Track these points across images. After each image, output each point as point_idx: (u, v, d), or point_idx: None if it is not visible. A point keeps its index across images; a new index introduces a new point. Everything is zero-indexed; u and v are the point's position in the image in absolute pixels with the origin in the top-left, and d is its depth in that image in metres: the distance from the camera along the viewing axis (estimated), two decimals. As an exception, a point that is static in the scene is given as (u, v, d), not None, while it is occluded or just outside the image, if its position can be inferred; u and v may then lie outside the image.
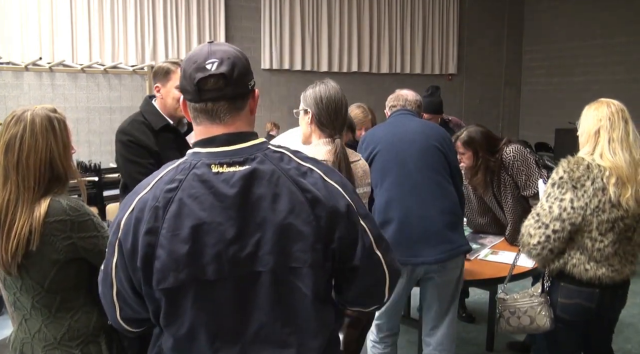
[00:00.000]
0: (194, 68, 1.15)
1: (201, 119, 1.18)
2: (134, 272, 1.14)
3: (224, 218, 1.11)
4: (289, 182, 1.15)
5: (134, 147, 2.25)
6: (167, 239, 1.10)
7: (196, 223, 1.10)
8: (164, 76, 2.31)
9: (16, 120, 1.52)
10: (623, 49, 7.78)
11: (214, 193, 1.11)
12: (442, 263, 2.31)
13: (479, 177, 2.95)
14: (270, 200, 1.13)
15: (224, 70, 1.13)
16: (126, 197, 1.20)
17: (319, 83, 1.99)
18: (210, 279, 1.11)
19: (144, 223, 1.11)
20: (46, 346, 1.57)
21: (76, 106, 5.77)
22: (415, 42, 8.13)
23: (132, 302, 1.19)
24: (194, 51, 1.19)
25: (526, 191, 2.90)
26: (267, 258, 1.13)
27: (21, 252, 1.47)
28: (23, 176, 1.50)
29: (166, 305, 1.13)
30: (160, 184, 1.14)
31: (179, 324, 1.14)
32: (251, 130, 1.23)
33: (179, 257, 1.10)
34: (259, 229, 1.12)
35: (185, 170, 1.14)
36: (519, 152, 2.90)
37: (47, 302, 1.56)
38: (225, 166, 1.13)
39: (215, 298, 1.12)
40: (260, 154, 1.16)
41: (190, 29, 6.38)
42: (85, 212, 1.53)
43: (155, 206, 1.11)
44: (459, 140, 2.99)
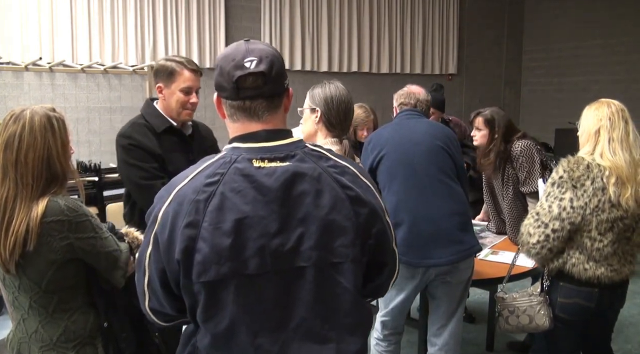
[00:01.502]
0: (232, 66, 1.15)
1: (239, 117, 1.19)
2: (169, 264, 1.14)
3: (266, 212, 1.12)
4: (329, 179, 1.17)
5: (136, 151, 2.16)
6: (209, 232, 1.09)
7: (239, 217, 1.10)
8: (167, 77, 2.19)
9: (15, 118, 1.53)
10: (623, 49, 7.78)
11: (257, 187, 1.12)
12: (455, 264, 2.31)
13: (491, 159, 2.97)
14: (313, 196, 1.15)
15: (263, 69, 1.14)
16: (161, 190, 1.19)
17: (328, 83, 1.99)
18: (252, 273, 1.11)
19: (184, 216, 1.11)
20: (42, 346, 1.57)
21: (76, 106, 5.77)
22: (415, 42, 8.13)
23: (160, 295, 1.20)
24: (230, 49, 1.20)
25: (524, 187, 2.93)
26: (310, 253, 1.14)
27: (19, 250, 1.47)
28: (21, 174, 1.50)
29: (206, 299, 1.12)
30: (199, 178, 1.14)
31: (219, 319, 1.13)
32: (287, 128, 1.24)
33: (221, 251, 1.09)
34: (301, 224, 1.13)
35: (226, 164, 1.14)
36: (526, 148, 2.92)
37: (44, 302, 1.56)
38: (266, 161, 1.14)
39: (256, 292, 1.12)
40: (300, 151, 1.18)
41: (190, 29, 6.37)
42: (83, 213, 1.53)
43: (195, 200, 1.11)
44: (482, 115, 3.02)
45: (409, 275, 2.32)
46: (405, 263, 2.25)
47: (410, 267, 2.30)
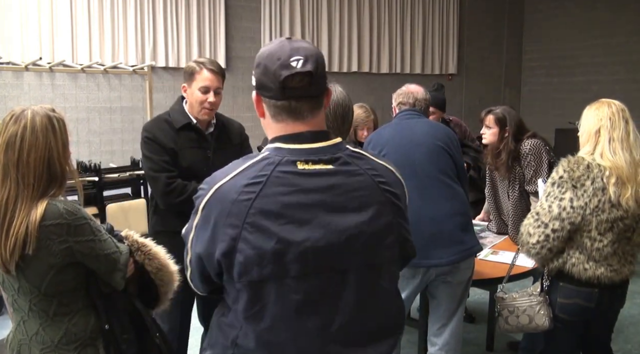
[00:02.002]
0: (278, 65, 1.13)
1: (283, 117, 1.18)
2: (208, 259, 1.15)
3: (309, 216, 1.11)
4: (371, 182, 1.17)
5: (150, 144, 2.28)
6: (252, 234, 1.09)
7: (282, 220, 1.10)
8: (189, 77, 2.29)
9: (16, 119, 1.53)
10: (623, 49, 7.78)
11: (300, 191, 1.11)
12: (455, 264, 2.31)
13: (503, 159, 2.98)
14: (357, 200, 1.15)
15: (310, 68, 1.13)
16: (204, 182, 1.20)
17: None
18: (294, 276, 1.11)
19: (226, 216, 1.10)
20: (43, 348, 1.56)
21: (76, 106, 5.77)
22: (415, 42, 8.13)
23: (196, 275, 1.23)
24: (273, 47, 1.17)
25: (529, 186, 2.94)
26: (353, 256, 1.14)
27: (18, 251, 1.46)
28: (23, 174, 1.49)
29: (248, 297, 1.13)
30: (242, 178, 1.13)
31: (261, 317, 1.13)
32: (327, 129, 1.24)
33: (264, 254, 1.09)
34: (346, 228, 1.13)
35: (270, 166, 1.13)
36: (535, 147, 2.93)
37: (44, 305, 1.55)
38: (310, 163, 1.14)
39: (297, 295, 1.12)
40: (343, 154, 1.18)
41: (190, 29, 6.37)
42: (82, 216, 1.52)
43: (238, 200, 1.10)
44: (493, 114, 3.02)
45: (410, 275, 2.32)
46: (406, 263, 2.25)
47: (411, 267, 2.30)
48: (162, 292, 1.76)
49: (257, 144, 2.73)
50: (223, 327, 1.22)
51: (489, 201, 3.28)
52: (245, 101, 6.76)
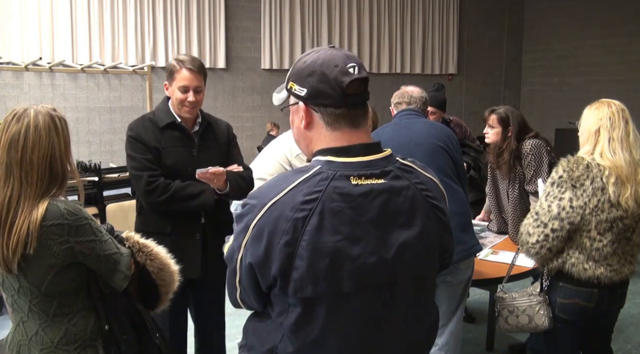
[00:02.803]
0: (337, 72, 1.12)
1: (340, 125, 1.16)
2: (263, 276, 1.14)
3: (363, 233, 1.11)
4: (421, 197, 1.18)
5: (133, 143, 2.27)
6: (308, 251, 1.09)
7: (337, 238, 1.10)
8: (169, 75, 2.28)
9: (18, 117, 1.53)
10: (623, 49, 7.79)
11: (354, 207, 1.11)
12: (455, 264, 2.31)
13: (505, 158, 2.99)
14: (407, 215, 1.15)
15: (366, 75, 1.15)
16: (250, 197, 1.17)
17: None
18: (346, 292, 1.12)
19: (282, 234, 1.09)
20: (43, 349, 1.56)
21: (76, 106, 5.77)
22: (415, 42, 8.13)
23: (250, 294, 1.21)
24: (325, 56, 1.16)
25: (529, 185, 2.95)
26: (401, 271, 1.15)
27: (20, 250, 1.46)
28: (27, 172, 1.49)
29: (300, 312, 1.13)
30: (296, 194, 1.11)
31: (309, 330, 1.14)
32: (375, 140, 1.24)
33: (319, 271, 1.09)
34: (395, 244, 1.14)
35: (324, 181, 1.12)
36: (536, 147, 2.93)
37: (44, 306, 1.55)
38: (363, 178, 1.13)
39: (347, 309, 1.13)
40: (393, 167, 1.18)
41: (190, 29, 6.37)
42: (83, 217, 1.52)
43: (294, 218, 1.09)
44: (496, 113, 3.03)
45: (409, 275, 2.32)
46: (405, 263, 2.25)
47: (411, 267, 2.30)
48: (162, 292, 1.76)
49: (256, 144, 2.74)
50: (261, 333, 1.22)
51: (490, 199, 3.28)
52: (245, 101, 6.75)
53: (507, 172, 3.02)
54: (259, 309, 1.24)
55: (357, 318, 1.14)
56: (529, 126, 3.06)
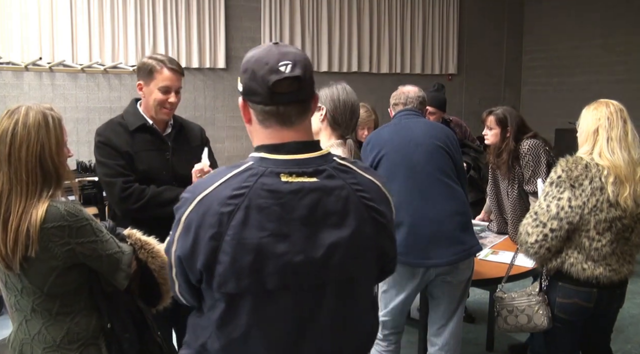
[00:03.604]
0: (266, 70, 1.13)
1: (270, 123, 1.17)
2: (191, 269, 1.15)
3: (289, 230, 1.11)
4: (355, 198, 1.16)
5: (104, 148, 2.18)
6: (232, 246, 1.09)
7: (262, 234, 1.09)
8: (147, 75, 2.20)
9: (10, 114, 1.53)
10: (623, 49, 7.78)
11: (282, 204, 1.11)
12: (455, 264, 2.31)
13: (504, 158, 3.00)
14: (338, 216, 1.14)
15: (299, 73, 1.13)
16: (186, 192, 1.18)
17: (335, 84, 2.00)
18: (271, 289, 1.11)
19: (208, 227, 1.10)
20: (46, 348, 1.57)
21: (76, 106, 5.77)
22: (415, 42, 8.12)
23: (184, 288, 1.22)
24: (261, 52, 1.17)
25: (528, 185, 2.96)
26: (331, 272, 1.14)
27: (22, 249, 1.46)
28: (15, 168, 1.49)
29: (225, 308, 1.13)
30: (225, 189, 1.12)
31: (234, 327, 1.14)
32: (314, 138, 1.23)
33: (242, 266, 1.09)
34: (325, 243, 1.13)
35: (253, 177, 1.12)
36: (534, 147, 2.94)
37: (47, 306, 1.56)
38: (294, 176, 1.13)
39: (273, 308, 1.13)
40: (328, 166, 1.17)
41: (190, 29, 6.37)
42: (83, 217, 1.52)
43: (220, 212, 1.10)
44: (494, 114, 3.04)
45: (409, 275, 2.32)
46: (405, 263, 2.25)
47: (411, 267, 2.30)
48: (164, 290, 1.76)
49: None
50: (196, 329, 1.23)
51: (491, 199, 3.28)
52: (245, 101, 6.76)
53: (507, 172, 3.03)
54: (194, 304, 1.23)
55: (283, 317, 1.12)
56: (527, 126, 3.07)
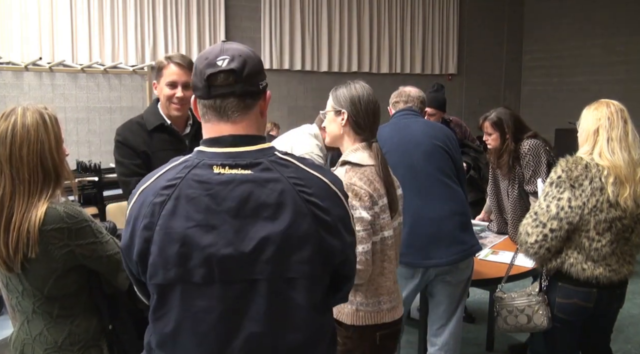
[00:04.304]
0: (204, 64, 1.15)
1: (209, 116, 1.17)
2: (130, 262, 1.17)
3: (218, 221, 1.09)
4: (293, 192, 1.12)
5: (121, 148, 2.21)
6: (160, 236, 1.10)
7: (188, 224, 1.09)
8: (158, 72, 2.22)
9: (6, 116, 1.53)
10: (623, 49, 7.78)
11: (211, 195, 1.10)
12: (455, 264, 2.31)
13: (504, 159, 3.00)
14: (272, 209, 1.11)
15: (234, 67, 1.13)
16: (135, 187, 1.21)
17: (352, 83, 1.90)
18: (197, 282, 1.10)
19: (142, 218, 1.12)
20: (47, 349, 1.57)
21: (76, 106, 5.77)
22: (415, 42, 8.13)
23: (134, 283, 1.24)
24: (207, 49, 1.20)
25: (528, 185, 2.96)
26: (263, 267, 1.11)
27: (23, 250, 1.46)
28: (17, 169, 1.49)
29: (156, 300, 1.14)
30: (160, 181, 1.14)
31: (166, 321, 1.13)
32: (259, 133, 1.21)
33: (169, 256, 1.09)
34: (256, 237, 1.10)
35: (187, 168, 1.13)
36: (534, 147, 2.94)
37: (47, 308, 1.56)
38: (227, 168, 1.12)
39: (202, 301, 1.11)
40: (266, 159, 1.14)
41: (190, 29, 6.37)
42: (82, 219, 1.51)
43: (153, 202, 1.11)
44: (488, 120, 3.04)
45: (409, 275, 2.32)
46: (405, 264, 2.25)
47: (410, 267, 2.30)
48: None
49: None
50: (147, 329, 1.23)
51: (491, 199, 3.28)
52: (245, 101, 6.76)
53: (507, 172, 3.03)
54: (145, 300, 1.24)
55: (213, 311, 1.10)
56: (525, 125, 3.07)
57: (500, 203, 3.22)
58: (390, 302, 1.82)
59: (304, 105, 7.36)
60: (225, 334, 1.12)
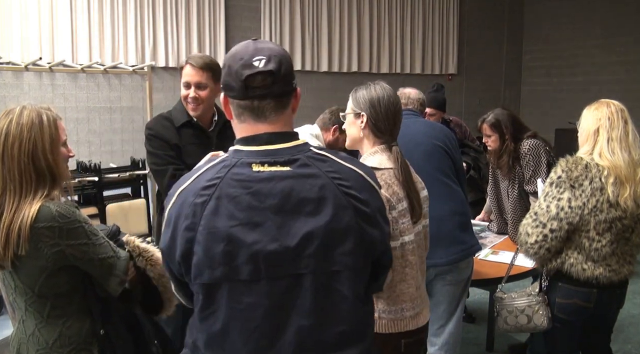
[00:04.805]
0: (240, 65, 1.14)
1: (245, 117, 1.18)
2: (172, 263, 1.17)
3: (261, 219, 1.11)
4: (332, 185, 1.15)
5: (154, 140, 2.30)
6: (204, 236, 1.10)
7: (232, 223, 1.10)
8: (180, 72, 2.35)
9: (6, 114, 1.54)
10: (623, 49, 7.78)
11: (253, 193, 1.11)
12: (455, 264, 2.31)
13: (504, 160, 3.00)
14: (314, 204, 1.13)
15: (272, 68, 1.13)
16: (172, 188, 1.20)
17: (372, 84, 1.85)
18: (244, 279, 1.11)
19: (184, 219, 1.12)
20: (39, 350, 1.56)
21: (76, 106, 5.77)
22: (415, 42, 8.13)
23: (175, 285, 1.24)
24: (238, 48, 1.18)
25: (528, 186, 2.96)
26: (308, 261, 1.12)
27: (13, 247, 1.46)
28: (8, 167, 1.49)
29: (202, 299, 1.14)
30: (200, 181, 1.14)
31: (214, 319, 1.14)
32: (292, 130, 1.23)
33: (214, 256, 1.10)
34: (299, 232, 1.12)
35: (225, 168, 1.14)
36: (534, 147, 2.94)
37: (38, 306, 1.55)
38: (266, 165, 1.13)
39: (249, 298, 1.12)
40: (303, 155, 1.16)
41: (190, 29, 6.38)
42: (75, 219, 1.50)
43: (194, 203, 1.11)
44: (486, 122, 3.03)
45: (409, 275, 2.32)
46: (405, 263, 2.25)
47: (410, 267, 2.30)
48: (165, 298, 1.74)
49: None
50: (191, 327, 1.23)
51: (491, 199, 3.28)
52: (245, 101, 6.76)
53: (507, 172, 3.03)
54: (188, 303, 1.24)
55: (260, 307, 1.12)
56: (523, 124, 3.07)
57: (500, 203, 3.22)
58: (414, 309, 1.76)
59: (304, 105, 7.35)
60: (273, 330, 1.13)
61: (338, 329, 1.17)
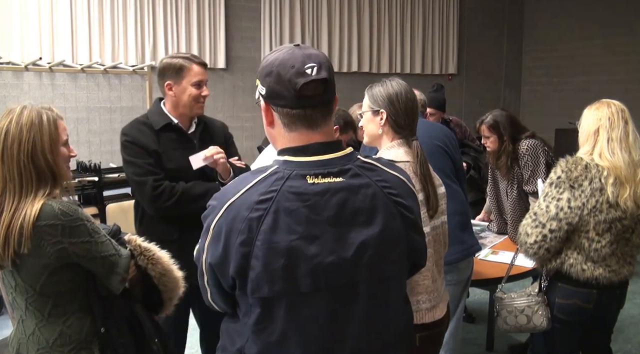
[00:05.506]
0: (293, 73, 1.12)
1: (297, 126, 1.16)
2: (223, 276, 1.15)
3: (319, 232, 1.11)
4: (382, 194, 1.17)
5: (131, 147, 2.19)
6: (263, 251, 1.09)
7: (292, 237, 1.09)
8: (176, 73, 2.20)
9: (7, 114, 1.54)
10: (623, 49, 7.78)
11: (310, 206, 1.11)
12: (455, 264, 2.31)
13: (503, 160, 3.01)
14: (367, 214, 1.14)
15: (326, 76, 1.13)
16: (213, 199, 1.18)
17: (388, 80, 1.86)
18: (305, 292, 1.11)
19: (238, 233, 1.10)
20: (39, 349, 1.56)
21: (76, 106, 5.77)
22: (415, 42, 8.12)
23: (217, 295, 1.22)
24: (284, 55, 1.15)
25: (527, 186, 2.97)
26: (362, 271, 1.14)
27: (13, 246, 1.46)
28: (8, 166, 1.50)
29: (260, 312, 1.13)
30: (252, 194, 1.12)
31: (270, 331, 1.14)
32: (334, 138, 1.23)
33: (274, 270, 1.09)
34: (355, 243, 1.13)
35: (279, 181, 1.12)
36: (532, 147, 2.95)
37: (39, 305, 1.55)
38: (320, 177, 1.13)
39: (309, 309, 1.13)
40: (353, 165, 1.17)
41: (190, 29, 6.37)
42: (77, 217, 1.51)
43: (249, 217, 1.10)
44: (485, 124, 3.04)
45: (409, 275, 2.32)
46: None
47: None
48: (165, 297, 1.74)
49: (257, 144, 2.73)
50: (232, 334, 1.23)
51: (491, 200, 3.29)
52: (245, 101, 6.75)
53: (506, 173, 3.03)
54: (228, 310, 1.24)
55: (319, 318, 1.13)
56: (521, 125, 3.08)
57: (500, 203, 3.22)
58: (430, 301, 1.77)
59: (304, 105, 7.35)
60: (330, 339, 1.15)
61: (390, 332, 1.22)
